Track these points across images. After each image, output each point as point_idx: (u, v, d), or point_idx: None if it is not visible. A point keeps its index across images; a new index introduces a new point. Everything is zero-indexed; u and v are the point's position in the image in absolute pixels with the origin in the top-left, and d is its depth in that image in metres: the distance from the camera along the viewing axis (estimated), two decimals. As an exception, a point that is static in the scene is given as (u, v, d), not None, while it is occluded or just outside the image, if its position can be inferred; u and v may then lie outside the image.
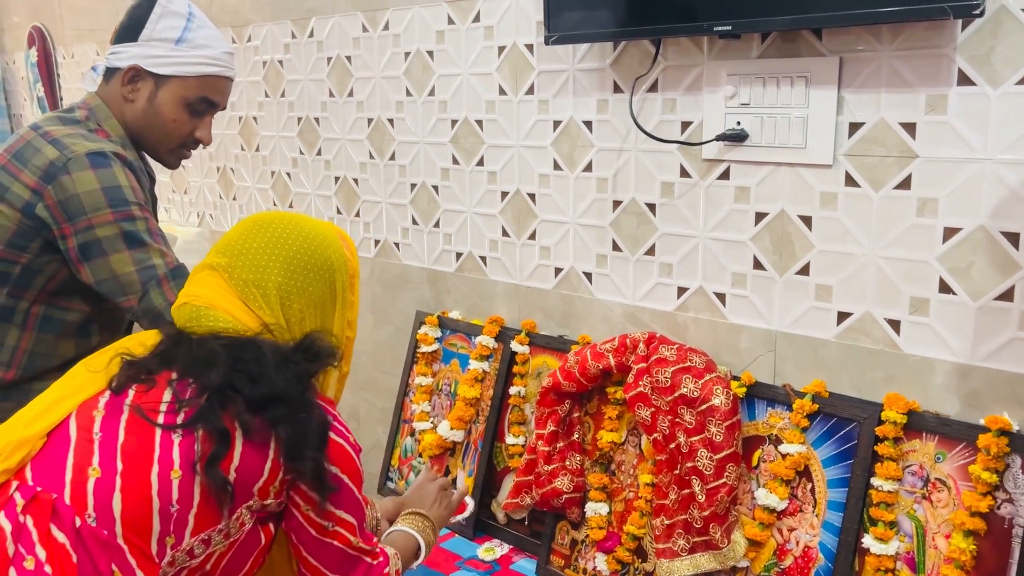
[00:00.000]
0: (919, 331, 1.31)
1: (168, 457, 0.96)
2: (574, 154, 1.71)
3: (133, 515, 0.94)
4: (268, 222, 1.13)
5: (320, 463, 1.03)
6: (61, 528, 0.91)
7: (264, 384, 1.00)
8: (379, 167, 2.14)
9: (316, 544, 1.08)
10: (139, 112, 1.53)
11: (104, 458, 0.95)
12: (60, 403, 1.01)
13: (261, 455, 1.00)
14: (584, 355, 1.61)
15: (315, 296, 1.11)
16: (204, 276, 1.11)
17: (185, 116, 1.55)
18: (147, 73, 1.51)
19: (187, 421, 0.98)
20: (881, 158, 1.30)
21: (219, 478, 0.97)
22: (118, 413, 0.99)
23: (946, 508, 1.25)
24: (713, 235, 1.52)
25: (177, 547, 0.96)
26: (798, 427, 1.39)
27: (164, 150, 1.59)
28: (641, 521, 1.53)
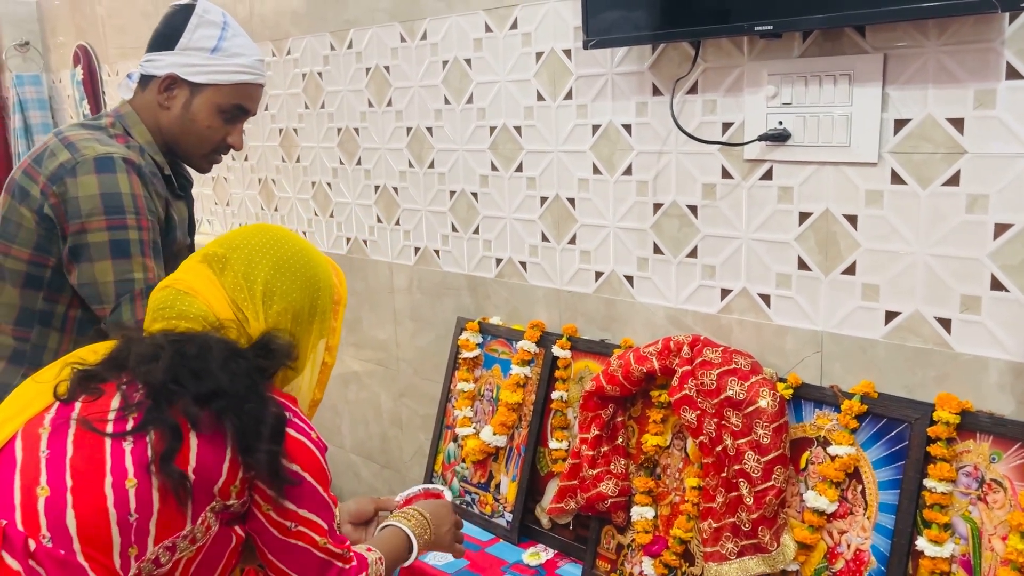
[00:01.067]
0: (971, 329, 1.29)
1: (121, 466, 0.93)
2: (613, 158, 1.71)
3: (90, 530, 0.91)
4: (269, 227, 1.18)
5: (275, 455, 0.99)
6: (13, 555, 0.88)
7: (208, 379, 0.98)
8: (418, 175, 2.16)
9: (280, 546, 1.04)
10: (174, 119, 1.57)
11: (52, 476, 0.93)
12: (6, 423, 0.99)
13: (218, 452, 0.98)
14: (627, 358, 1.60)
15: (295, 303, 1.12)
16: (194, 264, 1.13)
17: (219, 122, 1.59)
18: (183, 81, 1.55)
19: (136, 426, 0.95)
20: (928, 155, 1.29)
21: (175, 473, 0.94)
22: (65, 428, 0.96)
23: (1002, 509, 1.23)
24: (756, 236, 1.52)
25: (141, 558, 0.94)
26: (847, 428, 1.37)
27: (198, 155, 1.63)
28: (688, 525, 1.52)
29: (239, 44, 1.58)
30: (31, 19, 3.96)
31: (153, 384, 0.97)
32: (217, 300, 1.09)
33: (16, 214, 1.47)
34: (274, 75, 2.55)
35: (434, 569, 1.67)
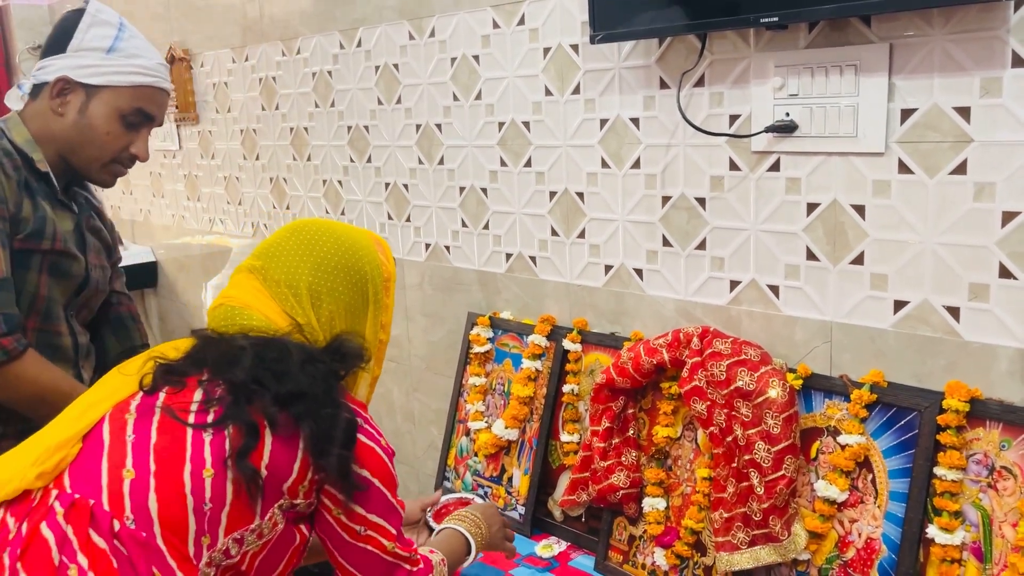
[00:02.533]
0: (980, 317, 1.29)
1: (200, 456, 0.97)
2: (622, 151, 1.72)
3: (170, 515, 0.95)
4: (303, 227, 1.17)
5: (346, 460, 1.02)
6: (100, 533, 0.92)
7: (288, 381, 1.01)
8: (428, 172, 2.17)
9: (350, 549, 1.07)
10: (69, 125, 1.47)
11: (138, 459, 0.96)
12: (94, 407, 1.03)
13: (290, 452, 1.01)
14: (637, 351, 1.61)
15: (345, 299, 1.13)
16: (241, 278, 1.15)
17: (119, 129, 1.50)
18: (77, 84, 1.46)
19: (217, 420, 0.99)
20: (935, 144, 1.29)
21: (249, 469, 0.97)
22: (150, 415, 1.00)
23: (1012, 496, 1.23)
24: (765, 227, 1.52)
25: (213, 547, 0.97)
26: (856, 417, 1.38)
27: (97, 165, 1.53)
28: (699, 515, 1.53)
29: (137, 45, 1.49)
30: (43, 23, 4.00)
31: (235, 382, 1.00)
32: (271, 311, 1.10)
33: None
34: (284, 75, 2.57)
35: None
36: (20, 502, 0.96)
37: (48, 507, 0.94)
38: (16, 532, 0.93)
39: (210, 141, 3.04)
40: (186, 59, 3.00)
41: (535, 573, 1.65)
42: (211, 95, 2.97)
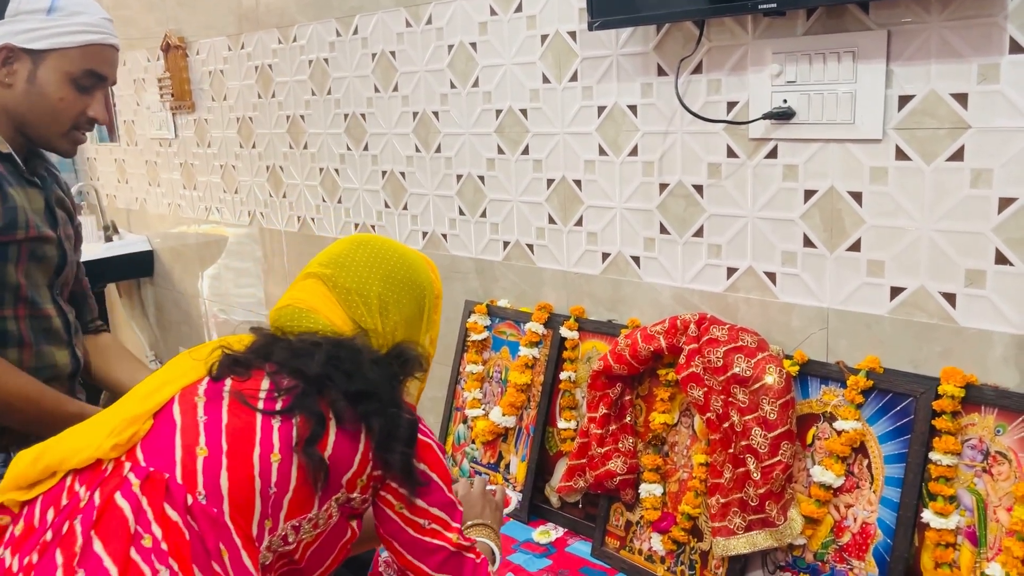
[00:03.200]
0: (976, 303, 1.30)
1: (268, 440, 0.99)
2: (619, 139, 1.72)
3: (239, 494, 0.97)
4: (367, 240, 1.23)
5: (409, 457, 1.07)
6: (173, 506, 0.94)
7: (358, 380, 1.04)
8: (425, 160, 2.17)
9: (416, 544, 1.10)
10: (20, 96, 1.42)
11: (211, 439, 0.98)
12: (163, 387, 1.05)
13: (352, 445, 1.04)
14: (635, 337, 1.62)
15: (407, 311, 1.20)
16: (308, 284, 1.19)
17: (73, 94, 1.44)
18: (21, 51, 1.40)
19: (285, 408, 1.01)
20: (933, 130, 1.29)
21: (316, 457, 1.00)
22: (219, 399, 1.02)
23: (1007, 481, 1.24)
24: (762, 214, 1.52)
25: (273, 531, 1.00)
26: (853, 403, 1.39)
27: (55, 134, 1.47)
28: (696, 501, 1.54)
29: (78, 1, 1.43)
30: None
31: (307, 375, 1.03)
32: (337, 316, 1.15)
33: None
34: (280, 62, 2.56)
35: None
36: (90, 472, 0.98)
37: (122, 478, 0.95)
38: (88, 500, 0.94)
39: (206, 129, 3.03)
40: (182, 47, 2.99)
41: (532, 559, 1.65)
42: (207, 83, 2.96)
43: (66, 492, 0.97)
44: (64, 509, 0.95)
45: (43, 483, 0.99)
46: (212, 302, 3.27)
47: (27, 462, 1.00)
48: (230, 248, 3.08)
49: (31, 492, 0.99)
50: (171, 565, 0.90)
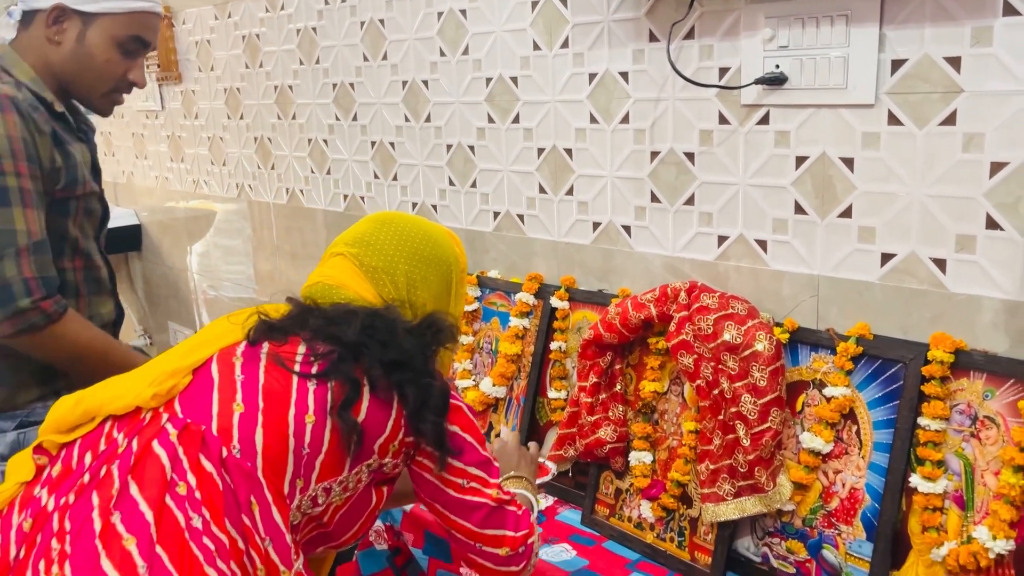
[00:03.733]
0: (966, 269, 1.30)
1: (304, 402, 1.01)
2: (611, 106, 1.71)
3: (272, 451, 0.98)
4: (392, 219, 1.25)
5: (441, 426, 1.09)
6: (208, 457, 0.95)
7: (393, 349, 1.06)
8: (415, 130, 2.15)
9: (458, 504, 1.12)
10: (67, 54, 1.47)
11: (247, 396, 1.00)
12: (202, 346, 1.07)
13: (385, 412, 1.05)
14: (625, 306, 1.61)
15: (435, 287, 1.22)
16: (335, 261, 1.21)
17: (117, 56, 1.50)
18: (73, 12, 1.45)
19: (321, 372, 1.03)
20: (925, 95, 1.28)
21: (350, 421, 1.02)
22: (256, 360, 1.04)
23: (995, 445, 1.25)
24: (753, 181, 1.52)
25: (304, 491, 1.01)
26: (842, 370, 1.39)
27: (97, 94, 1.53)
28: (685, 468, 1.54)
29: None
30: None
31: (344, 341, 1.05)
32: (366, 291, 1.17)
33: None
34: (268, 32, 2.53)
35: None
36: (129, 419, 1.00)
37: (160, 427, 0.97)
38: (126, 447, 0.96)
39: (193, 101, 3.00)
40: (167, 16, 2.95)
41: (522, 527, 1.66)
42: (194, 53, 2.92)
43: (104, 438, 0.99)
44: (102, 454, 0.97)
45: (82, 427, 1.01)
46: (201, 277, 3.25)
47: (67, 407, 1.02)
48: (219, 221, 3.05)
49: (70, 435, 1.01)
50: (203, 513, 0.92)
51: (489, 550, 1.14)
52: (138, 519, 0.89)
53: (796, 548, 1.42)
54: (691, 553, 1.51)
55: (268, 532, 0.96)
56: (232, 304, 3.03)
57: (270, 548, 0.96)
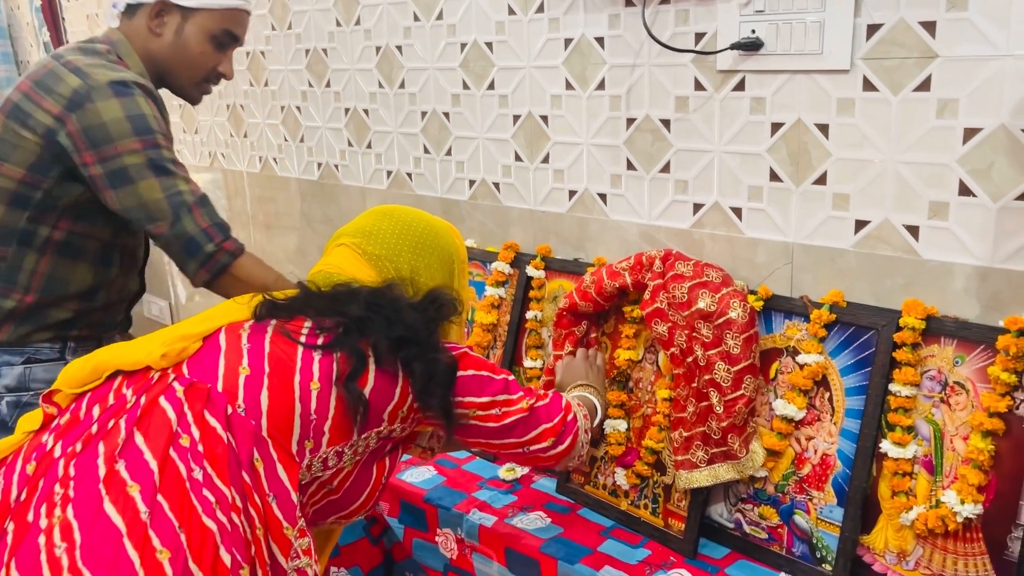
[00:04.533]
0: (938, 236, 1.30)
1: (308, 370, 1.04)
2: (586, 72, 1.68)
3: (278, 413, 1.01)
4: (393, 211, 1.29)
5: (448, 399, 1.13)
6: (213, 413, 0.98)
7: (398, 325, 1.09)
8: (389, 96, 2.12)
9: (499, 431, 1.19)
10: (166, 46, 1.58)
11: (253, 361, 1.03)
12: (211, 319, 1.10)
13: (391, 383, 1.09)
14: (600, 274, 1.61)
15: (438, 276, 1.26)
16: (338, 251, 1.25)
17: (211, 49, 1.60)
18: (174, 6, 1.56)
19: (327, 344, 1.06)
20: (900, 60, 1.28)
21: (355, 392, 1.04)
22: (263, 332, 1.08)
23: (964, 411, 1.26)
24: (729, 148, 1.51)
25: (315, 452, 1.04)
26: (816, 337, 1.39)
27: (189, 83, 1.64)
28: (659, 435, 1.55)
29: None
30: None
31: (349, 316, 1.08)
32: (370, 279, 1.20)
33: (13, 135, 1.48)
34: (239, -4, 2.47)
35: (412, 486, 1.69)
36: (139, 377, 1.03)
37: (168, 385, 1.00)
38: (134, 403, 0.99)
39: (163, 67, 2.93)
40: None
41: (498, 495, 1.66)
42: (163, 19, 2.86)
43: (113, 393, 1.02)
44: (110, 408, 0.99)
45: (92, 383, 1.05)
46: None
47: (79, 364, 1.06)
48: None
49: (80, 389, 1.04)
50: (205, 466, 0.94)
51: (535, 448, 1.23)
52: (142, 467, 0.91)
53: (768, 514, 1.43)
54: (665, 520, 1.52)
55: (272, 489, 0.98)
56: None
57: (274, 504, 0.98)
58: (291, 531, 0.98)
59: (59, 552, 0.85)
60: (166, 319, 3.36)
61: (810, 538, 1.38)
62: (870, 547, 1.33)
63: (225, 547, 0.90)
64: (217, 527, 0.90)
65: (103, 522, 0.87)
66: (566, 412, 1.27)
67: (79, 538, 0.86)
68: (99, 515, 0.87)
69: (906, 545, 1.29)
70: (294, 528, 0.99)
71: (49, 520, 0.88)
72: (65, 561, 0.85)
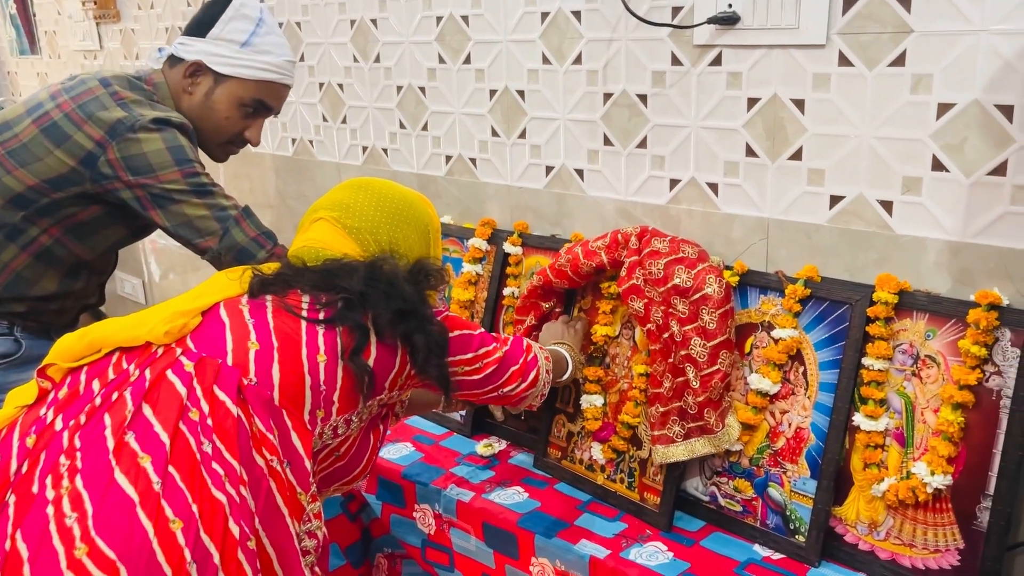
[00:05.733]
0: (911, 211, 1.31)
1: (314, 343, 1.05)
2: (563, 47, 1.67)
3: (289, 385, 1.02)
4: (368, 184, 1.30)
5: (445, 368, 1.18)
6: (223, 388, 0.98)
7: (397, 299, 1.10)
8: (364, 71, 2.09)
9: (484, 380, 1.25)
10: (195, 105, 1.60)
11: (261, 336, 1.04)
12: (206, 295, 1.10)
13: (391, 354, 1.11)
14: (576, 253, 1.60)
15: (416, 246, 1.28)
16: (318, 226, 1.25)
17: (238, 115, 1.61)
18: (209, 70, 1.58)
19: (329, 318, 1.07)
20: (876, 35, 1.28)
21: (362, 365, 1.07)
22: (263, 307, 1.08)
23: (935, 384, 1.27)
24: (705, 124, 1.50)
25: (326, 421, 1.06)
26: (790, 312, 1.40)
27: (212, 143, 1.65)
28: (635, 410, 1.56)
29: (271, 42, 1.59)
30: None
31: (350, 291, 1.09)
32: (352, 252, 1.21)
33: (41, 149, 1.49)
34: (210, -33, 2.43)
35: (389, 462, 1.69)
36: (140, 352, 1.02)
37: (175, 359, 1.00)
38: (139, 376, 0.98)
39: (133, 40, 2.88)
40: (104, -49, 2.81)
41: (475, 471, 1.67)
42: (132, -10, 2.80)
43: (112, 367, 1.01)
44: (112, 382, 0.99)
45: (87, 358, 1.04)
46: (147, 224, 3.16)
47: (73, 339, 1.05)
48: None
49: (75, 363, 1.03)
50: (214, 440, 0.94)
51: (507, 389, 1.30)
52: (153, 439, 0.92)
53: (743, 487, 1.45)
54: (640, 494, 1.54)
55: (287, 455, 0.99)
56: (181, 253, 2.96)
57: (288, 471, 0.99)
58: (304, 496, 1.00)
59: (70, 522, 0.85)
60: (139, 297, 3.33)
61: (784, 510, 1.40)
62: (842, 518, 1.35)
63: (234, 519, 0.91)
64: (226, 499, 0.91)
65: (115, 492, 0.87)
66: (527, 352, 1.33)
67: (90, 508, 0.86)
68: (111, 485, 0.88)
69: (877, 516, 1.31)
70: (307, 494, 1.01)
71: (56, 491, 0.88)
72: (77, 531, 0.85)
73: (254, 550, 0.92)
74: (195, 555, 0.86)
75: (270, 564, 0.95)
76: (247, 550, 0.91)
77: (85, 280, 1.65)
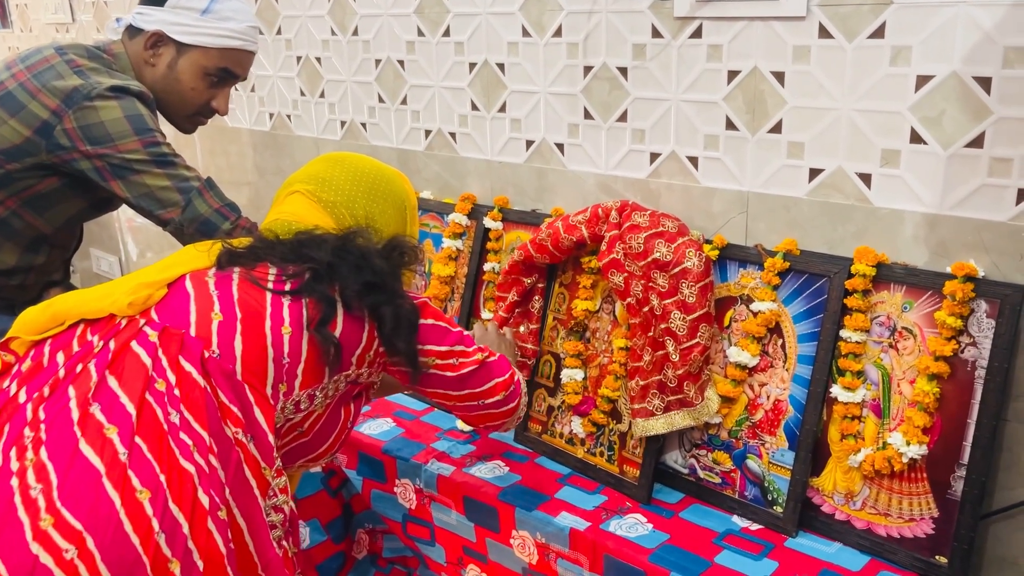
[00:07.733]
0: (890, 183, 1.31)
1: (279, 315, 1.04)
2: (543, 19, 1.66)
3: (252, 357, 1.01)
4: (344, 158, 1.29)
5: (413, 344, 1.16)
6: (188, 359, 0.97)
7: (366, 271, 1.09)
8: (342, 44, 2.07)
9: (457, 380, 1.23)
10: (158, 77, 1.56)
11: (224, 307, 1.03)
12: (172, 267, 1.08)
13: (358, 328, 1.09)
14: (556, 227, 1.60)
15: (393, 223, 1.27)
16: (293, 199, 1.24)
17: (203, 85, 1.57)
18: (170, 40, 1.53)
19: (295, 289, 1.06)
20: (856, 7, 1.27)
21: (328, 335, 1.05)
22: (229, 278, 1.07)
23: (912, 355, 1.29)
24: (686, 97, 1.50)
25: (288, 395, 1.04)
26: (769, 285, 1.41)
27: (179, 115, 1.62)
28: (615, 384, 1.56)
29: (232, 8, 1.55)
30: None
31: (317, 262, 1.08)
32: (327, 225, 1.19)
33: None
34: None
35: (370, 438, 1.69)
36: (104, 324, 1.01)
37: (139, 329, 0.99)
38: (103, 348, 0.97)
39: (106, 13, 2.82)
40: (74, -79, 2.75)
41: (456, 445, 1.67)
42: (104, -38, 2.74)
43: (77, 339, 1.00)
44: (76, 354, 0.97)
45: (51, 330, 1.02)
46: (123, 201, 3.12)
47: (36, 311, 1.04)
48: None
49: (38, 336, 1.02)
50: (181, 410, 0.93)
51: (489, 401, 1.27)
52: (119, 410, 0.91)
53: (722, 459, 1.46)
54: (620, 467, 1.54)
55: (250, 430, 0.98)
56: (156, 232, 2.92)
57: (251, 445, 0.98)
58: (269, 471, 0.99)
59: (35, 493, 0.84)
60: (116, 275, 3.29)
61: (762, 481, 1.41)
62: (819, 489, 1.37)
63: (203, 489, 0.90)
64: (195, 469, 0.90)
65: (80, 463, 0.86)
66: (513, 372, 1.31)
67: (55, 479, 0.85)
68: (76, 456, 0.87)
69: (853, 486, 1.33)
70: (271, 469, 1.00)
71: (21, 463, 0.87)
72: (42, 502, 0.84)
73: (225, 520, 0.91)
74: (163, 525, 0.86)
75: (241, 535, 0.95)
76: (217, 520, 0.90)
77: (47, 255, 1.62)
